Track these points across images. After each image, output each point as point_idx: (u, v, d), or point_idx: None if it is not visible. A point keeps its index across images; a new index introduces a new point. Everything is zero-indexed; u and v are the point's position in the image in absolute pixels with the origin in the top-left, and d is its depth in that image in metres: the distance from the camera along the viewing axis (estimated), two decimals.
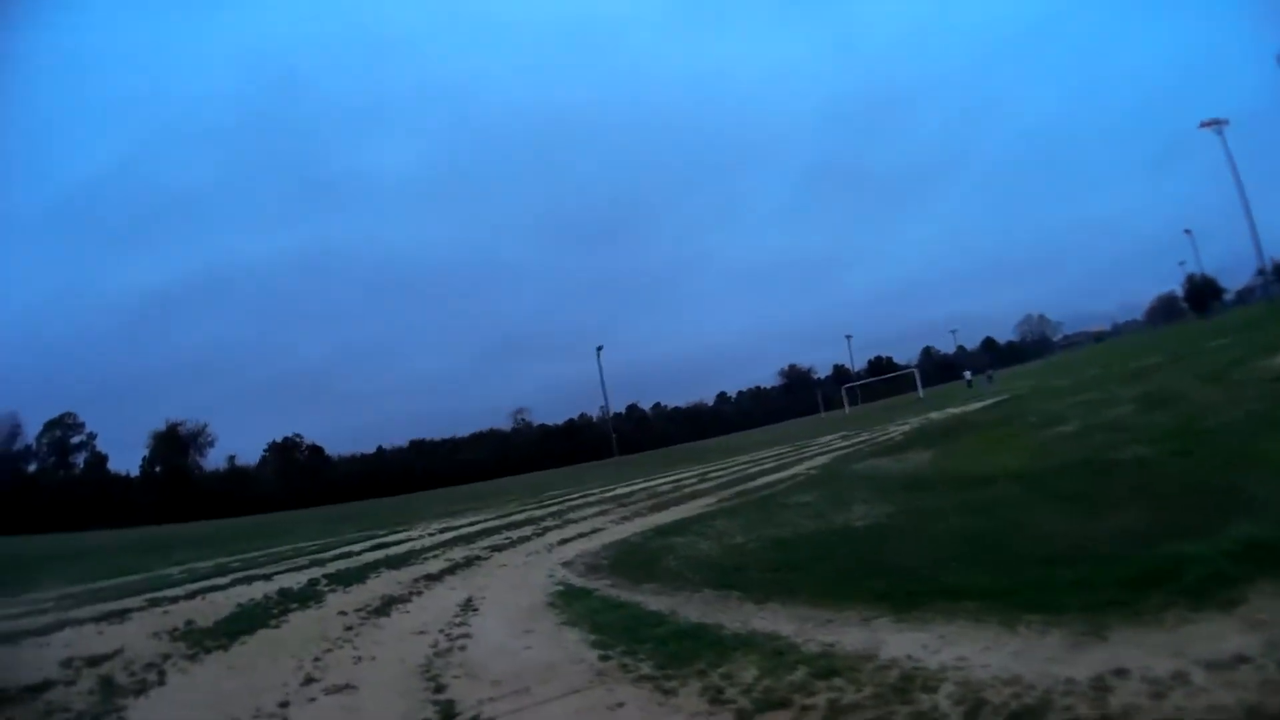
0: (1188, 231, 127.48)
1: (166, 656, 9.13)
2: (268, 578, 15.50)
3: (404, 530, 24.27)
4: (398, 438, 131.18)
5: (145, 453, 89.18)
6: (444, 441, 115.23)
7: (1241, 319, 72.97)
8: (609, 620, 8.60)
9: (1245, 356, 24.39)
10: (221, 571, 17.24)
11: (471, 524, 23.30)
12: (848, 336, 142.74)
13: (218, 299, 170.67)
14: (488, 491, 47.21)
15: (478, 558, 15.21)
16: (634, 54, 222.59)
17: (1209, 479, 9.96)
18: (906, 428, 32.70)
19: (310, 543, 23.09)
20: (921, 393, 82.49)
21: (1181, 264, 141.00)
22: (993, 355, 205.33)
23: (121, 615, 12.22)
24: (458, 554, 16.16)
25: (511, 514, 24.95)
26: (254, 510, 75.70)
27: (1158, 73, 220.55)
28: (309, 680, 7.72)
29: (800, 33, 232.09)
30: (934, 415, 37.87)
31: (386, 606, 11.17)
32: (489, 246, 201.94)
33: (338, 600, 12.16)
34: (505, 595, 11.05)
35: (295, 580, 14.67)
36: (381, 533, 23.86)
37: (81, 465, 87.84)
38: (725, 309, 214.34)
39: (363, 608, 11.17)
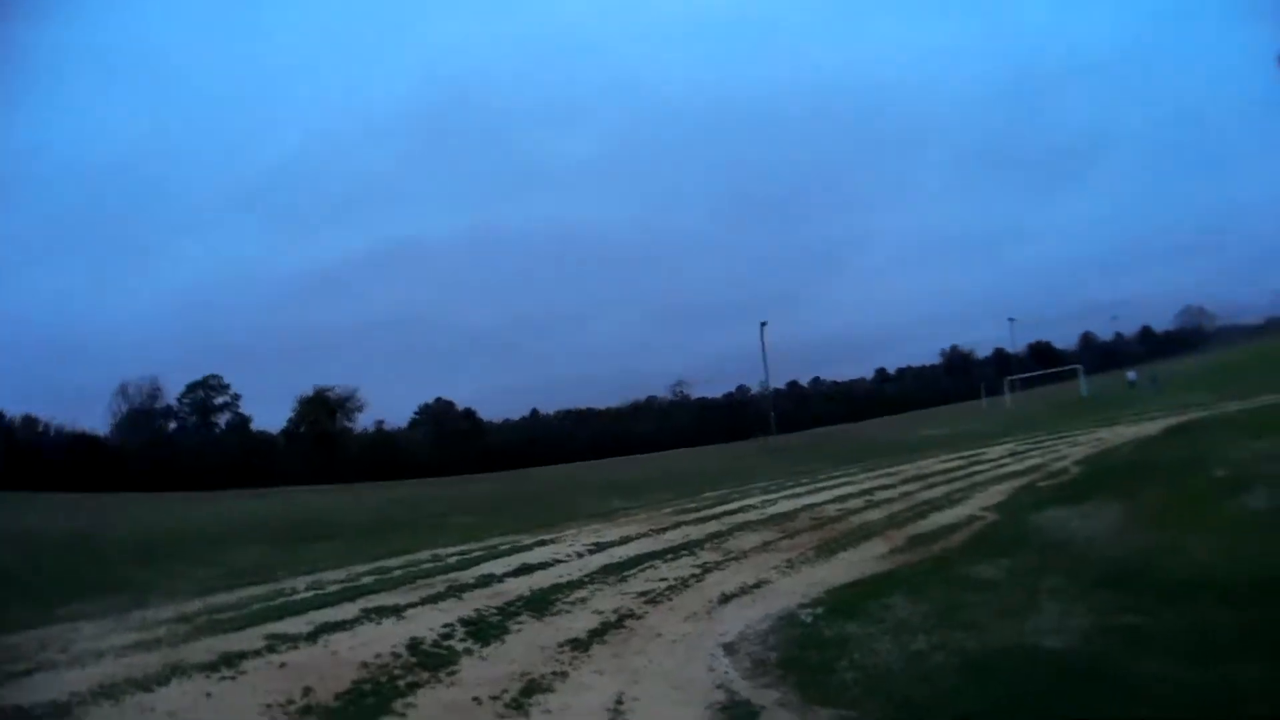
0: None
1: None
2: (399, 613, 14.46)
3: (551, 538, 23.14)
4: (552, 403, 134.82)
5: (291, 415, 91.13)
6: (604, 411, 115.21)
7: None
8: None
9: None
10: (350, 594, 16.12)
11: (623, 540, 22.00)
12: (1010, 319, 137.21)
13: (390, 273, 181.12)
14: (642, 480, 45.58)
15: (630, 614, 13.94)
16: (796, 40, 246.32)
17: None
18: (1079, 452, 30.15)
19: (450, 549, 21.79)
20: (1085, 389, 78.17)
21: None
22: (1149, 346, 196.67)
23: (236, 662, 11.35)
24: (607, 602, 14.93)
25: (666, 528, 23.60)
26: (402, 475, 76.69)
27: None
28: None
29: (951, 17, 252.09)
30: (1105, 434, 35.17)
31: (527, 695, 10.01)
32: (659, 222, 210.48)
33: (472, 672, 11.04)
34: (661, 697, 9.87)
35: (428, 624, 13.52)
36: (526, 541, 22.64)
37: (223, 426, 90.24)
38: (887, 285, 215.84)
39: (500, 694, 10.02)
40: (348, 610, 14.70)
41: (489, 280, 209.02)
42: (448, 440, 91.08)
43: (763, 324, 79.29)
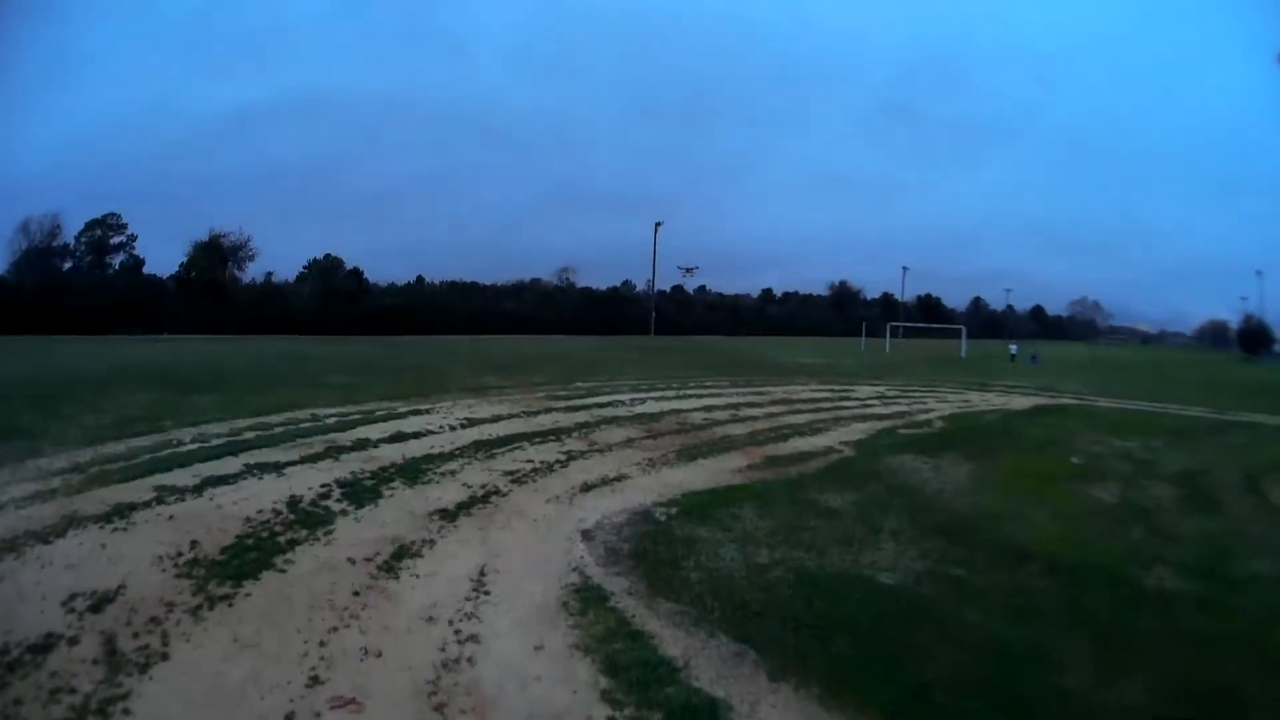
0: (1259, 273, 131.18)
1: (170, 608, 8.88)
2: (279, 470, 15.26)
3: (426, 408, 24.04)
4: (438, 271, 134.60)
5: (184, 259, 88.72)
6: (488, 287, 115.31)
7: None
8: (623, 658, 8.24)
9: None
10: (233, 449, 16.82)
11: (495, 418, 22.87)
12: (904, 268, 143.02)
13: (296, 124, 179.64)
14: (519, 360, 46.28)
15: (496, 491, 14.77)
16: None
17: (1221, 662, 9.36)
18: (945, 409, 31.78)
19: (329, 410, 22.62)
20: (964, 352, 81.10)
21: (1244, 299, 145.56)
22: (1039, 324, 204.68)
23: (128, 514, 11.99)
24: (475, 476, 15.78)
25: (537, 412, 24.45)
26: (287, 330, 77.42)
27: (1239, 103, 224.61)
28: (314, 680, 7.44)
29: None
30: (974, 398, 36.88)
31: (398, 559, 10.86)
32: (565, 108, 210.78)
33: (348, 533, 11.84)
34: (521, 573, 10.66)
35: (307, 484, 14.35)
36: (402, 409, 23.48)
37: (116, 267, 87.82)
38: (782, 210, 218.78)
39: (373, 556, 10.86)
40: (231, 465, 15.51)
41: (394, 141, 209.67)
42: (333, 298, 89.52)
43: (657, 224, 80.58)
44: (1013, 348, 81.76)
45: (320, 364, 38.77)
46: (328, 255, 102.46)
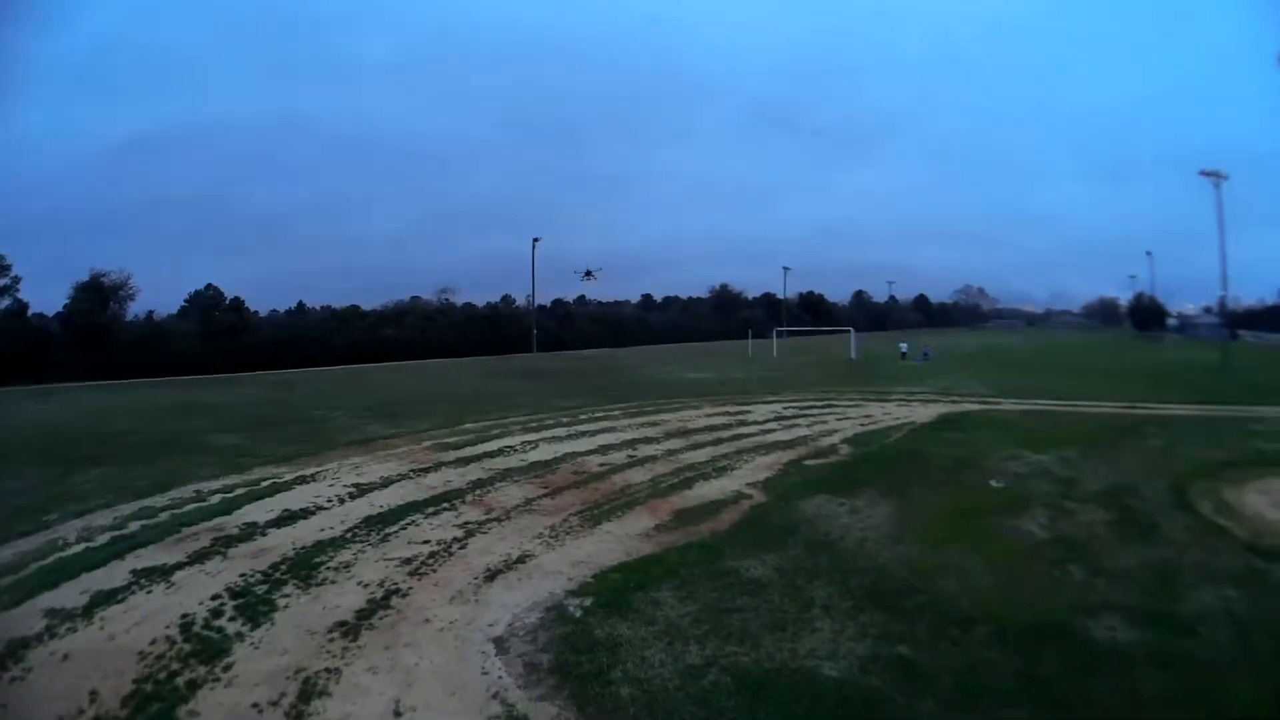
0: (1149, 254, 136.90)
1: None
2: (168, 578, 14.33)
3: (312, 472, 23.01)
4: (319, 295, 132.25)
5: (67, 301, 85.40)
6: (368, 313, 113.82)
7: (1194, 359, 74.29)
8: None
9: (1225, 464, 24.12)
10: (119, 548, 15.96)
11: (384, 482, 21.90)
12: (785, 268, 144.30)
13: (180, 152, 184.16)
14: (402, 399, 44.40)
15: (395, 590, 13.68)
16: None
17: None
18: (848, 428, 31.63)
19: (215, 485, 21.54)
20: (855, 354, 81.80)
21: (1133, 278, 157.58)
22: (925, 314, 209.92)
23: (22, 655, 11.08)
24: (371, 571, 14.68)
25: (427, 468, 23.50)
26: (172, 370, 74.22)
27: (1110, 94, 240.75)
28: None
29: None
30: (874, 411, 36.87)
31: (305, 700, 9.82)
32: (443, 126, 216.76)
33: (248, 665, 10.81)
34: (439, 707, 9.74)
35: (198, 597, 13.32)
36: (287, 477, 22.41)
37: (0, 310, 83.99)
38: (664, 217, 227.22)
39: (278, 699, 9.82)
40: (119, 572, 14.69)
41: (277, 166, 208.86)
42: (214, 333, 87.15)
43: (535, 240, 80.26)
44: (903, 346, 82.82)
45: (204, 418, 36.43)
46: (209, 286, 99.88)
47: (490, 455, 25.74)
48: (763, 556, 15.60)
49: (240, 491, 20.91)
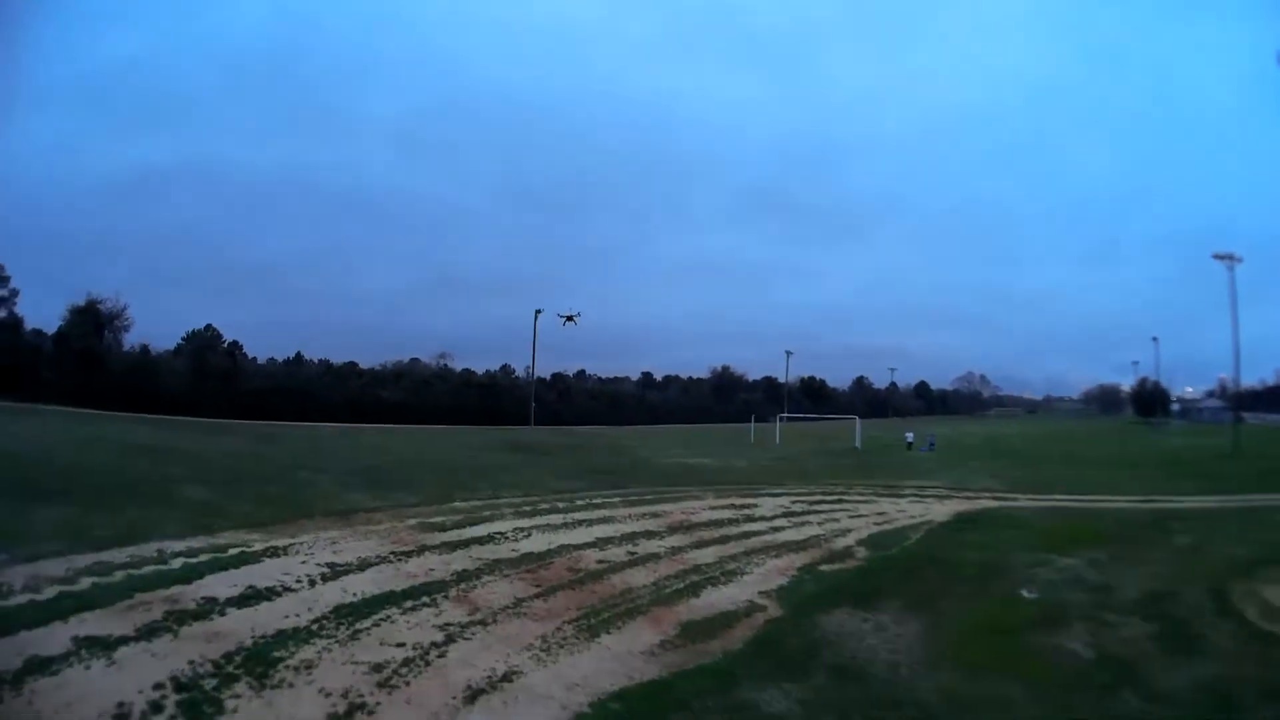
0: (1155, 339, 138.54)
1: None
2: (109, 652, 12.60)
3: (284, 544, 21.04)
4: (319, 347, 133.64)
5: (61, 322, 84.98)
6: (365, 371, 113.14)
7: (1203, 446, 73.10)
8: None
9: (1259, 561, 22.91)
10: (65, 608, 14.32)
11: (361, 564, 19.78)
12: (788, 352, 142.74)
13: (188, 190, 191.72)
14: (390, 466, 42.33)
15: (360, 704, 11.56)
16: (610, 61, 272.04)
17: None
18: (861, 527, 29.68)
19: (179, 545, 19.68)
20: (859, 442, 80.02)
21: (1135, 363, 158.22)
22: (925, 402, 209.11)
23: None
24: (335, 676, 12.57)
25: (409, 552, 21.44)
26: (160, 407, 73.98)
27: (1100, 176, 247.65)
28: None
29: (762, 74, 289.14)
30: (888, 508, 34.98)
31: None
32: (443, 193, 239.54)
33: None
34: None
35: (138, 683, 11.52)
36: (257, 546, 20.44)
37: None
38: (659, 293, 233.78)
39: None
40: (60, 636, 13.08)
41: (282, 214, 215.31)
42: (207, 374, 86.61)
43: (537, 311, 78.73)
44: (909, 436, 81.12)
45: (181, 465, 34.62)
46: (208, 326, 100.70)
47: (479, 541, 23.63)
48: (784, 686, 13.57)
49: (204, 558, 18.96)
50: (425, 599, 17.41)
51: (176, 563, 18.27)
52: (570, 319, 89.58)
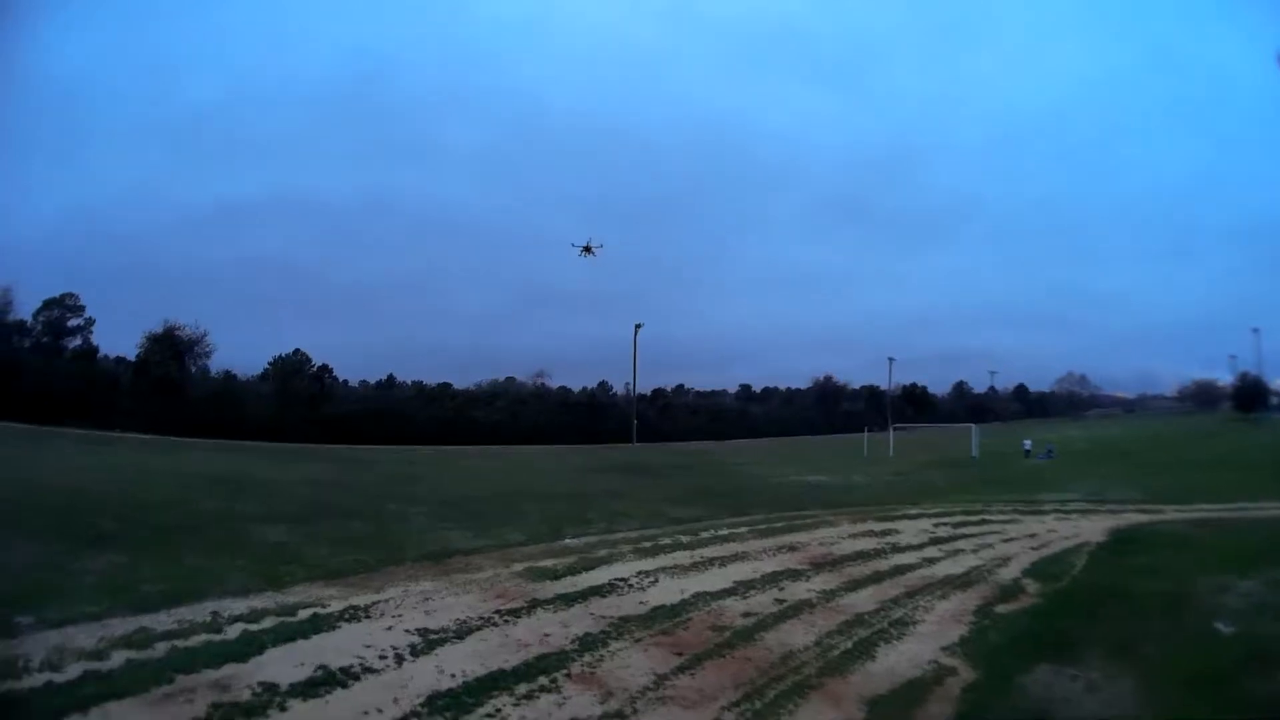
0: (1255, 330, 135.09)
1: None
2: None
3: (366, 603, 17.85)
4: (411, 369, 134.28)
5: (138, 350, 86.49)
6: (459, 392, 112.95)
7: None
8: None
9: None
10: (84, 696, 11.41)
11: (460, 629, 16.44)
12: (890, 359, 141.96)
13: (274, 220, 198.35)
14: (489, 496, 40.26)
15: None
16: (681, 84, 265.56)
17: None
18: (1017, 552, 26.66)
19: (239, 606, 16.64)
20: (975, 451, 76.98)
21: (1233, 358, 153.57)
22: (1024, 405, 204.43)
23: None
24: None
25: (519, 610, 18.14)
26: (242, 433, 73.58)
27: (1168, 170, 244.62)
28: None
29: (831, 88, 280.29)
30: (1036, 528, 31.99)
31: None
32: (531, 215, 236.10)
33: None
34: None
35: None
36: (335, 606, 17.30)
37: (69, 352, 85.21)
38: (748, 304, 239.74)
39: None
40: None
41: (370, 240, 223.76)
42: (293, 399, 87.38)
43: (637, 326, 78.27)
44: (1026, 443, 77.66)
45: (254, 499, 32.93)
46: (296, 350, 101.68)
47: (599, 592, 20.48)
48: None
49: (268, 623, 15.79)
50: (543, 680, 13.92)
51: (233, 630, 15.19)
52: (588, 250, 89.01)
